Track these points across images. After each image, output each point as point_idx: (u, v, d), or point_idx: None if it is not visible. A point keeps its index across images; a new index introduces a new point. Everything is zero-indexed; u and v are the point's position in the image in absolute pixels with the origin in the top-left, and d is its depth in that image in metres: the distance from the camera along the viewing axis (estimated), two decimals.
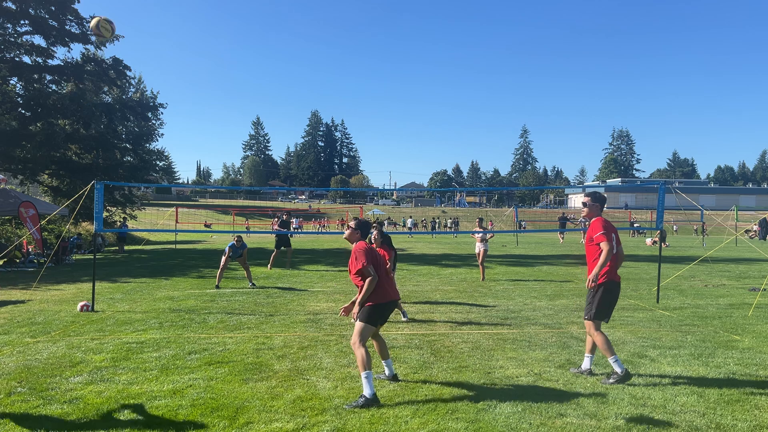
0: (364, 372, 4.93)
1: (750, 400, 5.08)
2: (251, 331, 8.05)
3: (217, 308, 9.98)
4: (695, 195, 67.39)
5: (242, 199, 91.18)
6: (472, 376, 5.77)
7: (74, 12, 24.77)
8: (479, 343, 7.22)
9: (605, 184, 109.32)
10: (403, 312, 9.03)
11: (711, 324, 8.60)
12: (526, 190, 41.36)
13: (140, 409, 4.79)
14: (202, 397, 5.11)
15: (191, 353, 6.70)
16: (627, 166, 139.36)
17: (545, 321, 8.84)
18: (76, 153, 29.49)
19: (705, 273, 16.07)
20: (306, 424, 4.49)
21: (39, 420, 4.56)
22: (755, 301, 10.56)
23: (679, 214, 56.99)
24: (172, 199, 79.32)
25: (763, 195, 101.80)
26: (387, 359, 5.65)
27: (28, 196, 22.58)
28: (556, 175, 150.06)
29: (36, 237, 18.98)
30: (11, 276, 15.13)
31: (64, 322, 8.70)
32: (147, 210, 46.56)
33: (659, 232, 10.99)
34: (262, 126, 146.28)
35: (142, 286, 13.01)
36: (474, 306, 10.30)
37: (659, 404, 4.96)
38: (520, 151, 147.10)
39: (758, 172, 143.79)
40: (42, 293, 11.85)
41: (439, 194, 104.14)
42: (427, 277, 14.93)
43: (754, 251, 24.32)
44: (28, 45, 24.90)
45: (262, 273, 15.89)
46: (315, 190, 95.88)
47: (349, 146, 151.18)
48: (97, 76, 26.86)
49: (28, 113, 26.09)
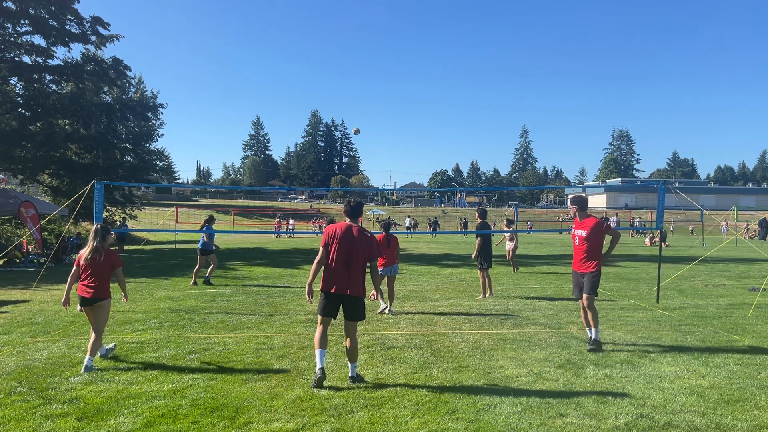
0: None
1: (750, 400, 5.08)
2: (251, 331, 8.05)
3: (217, 308, 9.98)
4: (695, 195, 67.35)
5: (242, 199, 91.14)
6: (472, 376, 5.77)
7: (74, 12, 24.78)
8: (479, 343, 7.22)
9: (605, 184, 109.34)
10: (389, 309, 9.37)
11: (711, 324, 8.60)
12: (526, 190, 41.36)
13: (140, 409, 4.79)
14: (202, 397, 5.11)
15: (191, 353, 6.70)
16: (627, 166, 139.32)
17: (545, 321, 8.84)
18: (76, 153, 29.50)
19: (705, 273, 16.07)
20: (306, 424, 4.49)
21: (39, 420, 4.56)
22: (755, 301, 10.55)
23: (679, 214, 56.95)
24: (172, 199, 79.30)
25: (763, 195, 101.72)
26: (351, 363, 5.57)
27: (28, 196, 22.58)
28: (556, 175, 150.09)
29: (36, 237, 18.98)
30: (11, 276, 15.13)
31: (64, 322, 8.70)
32: (147, 210, 46.57)
33: (659, 232, 10.99)
34: (262, 126, 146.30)
35: (142, 286, 13.01)
36: (474, 306, 10.30)
37: (659, 404, 4.96)
38: (520, 151, 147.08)
39: (758, 172, 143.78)
40: (42, 293, 11.85)
41: (439, 194, 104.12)
42: (427, 277, 14.93)
43: (754, 251, 24.31)
44: (28, 45, 24.90)
45: (262, 273, 15.89)
46: (315, 190, 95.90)
47: (349, 146, 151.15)
48: (97, 76, 26.86)
49: (28, 113, 26.10)
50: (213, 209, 67.34)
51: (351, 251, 5.39)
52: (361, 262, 5.45)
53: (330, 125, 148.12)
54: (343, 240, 5.43)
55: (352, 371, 5.57)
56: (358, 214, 5.69)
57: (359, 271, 5.44)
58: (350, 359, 5.57)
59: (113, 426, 4.44)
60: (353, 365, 5.58)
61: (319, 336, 5.52)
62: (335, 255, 5.42)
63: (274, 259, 20.75)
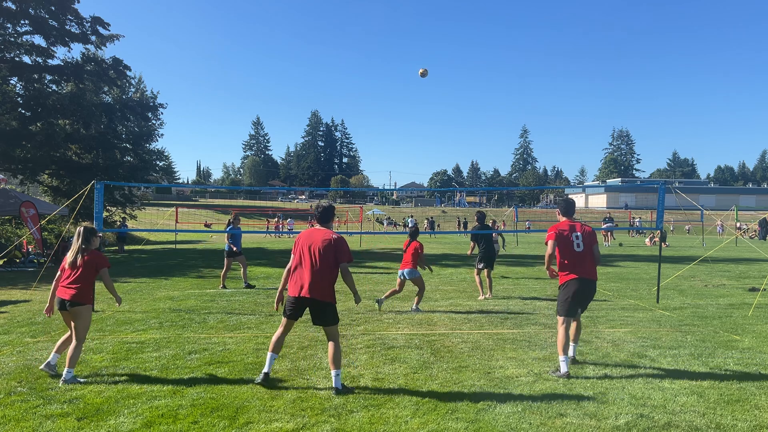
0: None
1: (750, 400, 5.08)
2: (251, 331, 8.05)
3: (217, 308, 9.98)
4: (695, 195, 67.34)
5: (242, 199, 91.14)
6: (472, 376, 5.77)
7: (74, 12, 24.76)
8: (479, 343, 7.22)
9: (605, 184, 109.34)
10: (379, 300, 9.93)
11: (711, 324, 8.60)
12: (526, 190, 41.35)
13: (140, 409, 4.79)
14: (202, 397, 5.11)
15: (191, 353, 6.70)
16: (627, 166, 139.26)
17: (545, 321, 8.84)
18: (76, 153, 29.49)
19: (705, 273, 16.07)
20: (306, 424, 4.49)
21: (39, 420, 4.56)
22: (755, 301, 10.56)
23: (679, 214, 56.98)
24: (172, 199, 79.26)
25: (763, 195, 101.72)
26: (332, 369, 5.30)
27: (28, 196, 22.58)
28: (556, 175, 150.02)
29: (36, 237, 18.98)
30: (11, 276, 15.13)
31: (64, 322, 8.68)
32: (147, 210, 46.55)
33: (659, 232, 10.99)
34: (262, 126, 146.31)
35: (142, 286, 13.01)
36: (474, 306, 10.30)
37: (659, 404, 4.96)
38: (520, 151, 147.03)
39: (758, 172, 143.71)
40: (42, 293, 11.85)
41: (439, 194, 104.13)
42: (427, 277, 14.91)
43: (754, 251, 24.31)
44: (28, 45, 24.89)
45: (261, 273, 15.89)
46: (315, 190, 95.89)
47: (349, 146, 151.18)
48: (97, 76, 26.86)
49: (28, 113, 26.09)
50: (213, 209, 67.41)
51: (315, 255, 5.30)
52: (326, 266, 5.29)
53: (330, 125, 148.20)
54: (307, 244, 5.38)
55: (335, 381, 5.24)
56: (327, 219, 5.57)
57: (324, 275, 5.28)
58: (331, 365, 5.29)
59: (113, 426, 4.44)
60: (335, 373, 5.24)
61: (276, 338, 5.45)
62: (300, 259, 5.40)
63: (274, 259, 20.75)
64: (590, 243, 6.04)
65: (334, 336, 5.36)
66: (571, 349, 6.14)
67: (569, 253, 5.99)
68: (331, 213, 5.65)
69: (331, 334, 5.36)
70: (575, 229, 6.06)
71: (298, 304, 5.34)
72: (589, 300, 6.15)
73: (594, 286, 6.08)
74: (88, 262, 5.74)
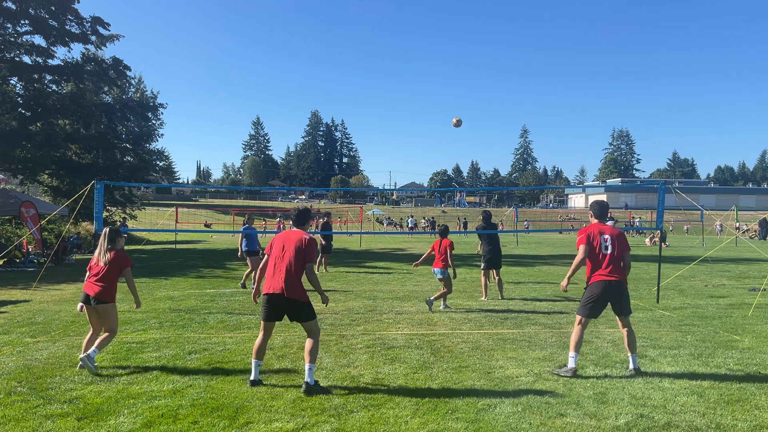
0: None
1: (750, 400, 5.09)
2: (251, 331, 8.05)
3: (217, 308, 9.99)
4: (695, 195, 67.29)
5: (242, 199, 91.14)
6: (472, 376, 5.78)
7: (74, 12, 24.77)
8: (479, 343, 7.22)
9: (605, 184, 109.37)
10: (444, 305, 9.90)
11: (711, 324, 8.61)
12: (526, 190, 41.36)
13: (140, 409, 4.79)
14: (202, 397, 5.11)
15: (191, 353, 6.70)
16: (627, 166, 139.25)
17: (545, 321, 8.84)
18: (76, 153, 29.50)
19: (705, 273, 16.07)
20: (306, 424, 4.50)
21: (39, 420, 4.56)
22: (755, 301, 10.56)
23: (679, 214, 56.98)
24: (172, 199, 79.25)
25: (763, 195, 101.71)
26: (306, 362, 5.28)
27: (28, 196, 22.59)
28: (556, 175, 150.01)
29: (36, 237, 18.98)
30: (11, 276, 15.13)
31: (64, 322, 8.70)
32: (147, 210, 46.54)
33: (659, 232, 11.00)
34: (262, 126, 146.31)
35: (142, 286, 13.00)
36: (474, 306, 10.31)
37: (659, 404, 4.96)
38: (520, 151, 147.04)
39: (758, 172, 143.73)
40: (42, 293, 11.85)
41: (439, 194, 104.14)
42: (427, 277, 14.92)
43: (754, 251, 24.32)
44: (28, 45, 24.90)
45: None
46: (315, 190, 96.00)
47: (349, 146, 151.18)
48: (97, 76, 26.87)
49: (28, 113, 26.10)
50: (213, 209, 67.43)
51: (285, 254, 5.42)
52: (300, 267, 5.38)
53: (330, 125, 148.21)
54: (279, 244, 5.51)
55: (307, 374, 5.20)
56: (302, 221, 5.67)
57: (299, 275, 5.39)
58: (306, 357, 5.28)
59: (113, 426, 4.44)
60: (309, 367, 5.22)
61: (257, 344, 5.46)
62: (272, 259, 5.50)
63: None
64: (621, 248, 6.06)
65: (314, 332, 5.41)
66: (632, 361, 5.97)
67: (599, 254, 6.03)
68: (307, 216, 5.76)
69: (311, 331, 5.41)
70: (605, 232, 6.12)
71: (272, 303, 5.38)
72: (621, 302, 5.99)
73: (621, 287, 5.97)
74: (113, 261, 6.10)
